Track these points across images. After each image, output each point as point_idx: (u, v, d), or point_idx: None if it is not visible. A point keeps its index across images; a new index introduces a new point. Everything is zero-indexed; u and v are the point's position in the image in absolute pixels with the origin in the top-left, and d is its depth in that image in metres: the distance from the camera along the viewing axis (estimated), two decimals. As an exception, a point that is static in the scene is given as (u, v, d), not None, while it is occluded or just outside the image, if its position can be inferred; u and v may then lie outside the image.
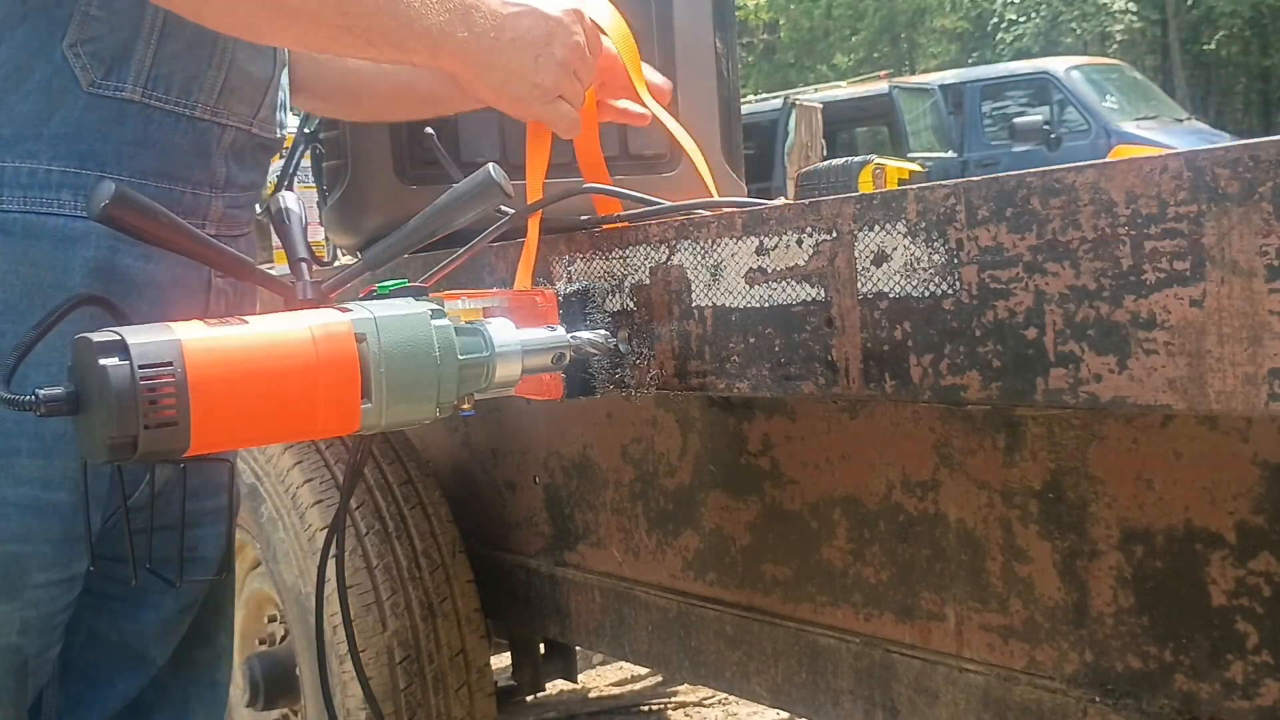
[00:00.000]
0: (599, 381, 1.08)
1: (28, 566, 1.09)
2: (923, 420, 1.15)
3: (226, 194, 1.18)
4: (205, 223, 1.15)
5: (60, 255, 1.05)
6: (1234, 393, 0.65)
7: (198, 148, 1.13)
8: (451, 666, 1.76)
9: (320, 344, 0.83)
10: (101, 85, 1.05)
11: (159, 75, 1.08)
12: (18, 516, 1.07)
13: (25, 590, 1.10)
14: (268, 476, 1.85)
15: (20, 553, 1.09)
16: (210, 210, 1.16)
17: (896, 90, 10.22)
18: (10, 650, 1.12)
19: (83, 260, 1.05)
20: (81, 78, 1.04)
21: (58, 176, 1.05)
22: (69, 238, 1.05)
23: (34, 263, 1.04)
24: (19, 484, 1.07)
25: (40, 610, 1.12)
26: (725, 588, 1.41)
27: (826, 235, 0.88)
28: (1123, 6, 20.18)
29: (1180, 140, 9.13)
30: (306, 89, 1.39)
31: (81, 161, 1.06)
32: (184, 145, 1.12)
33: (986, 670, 1.13)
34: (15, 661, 1.13)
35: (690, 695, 2.81)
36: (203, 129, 1.13)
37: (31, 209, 1.04)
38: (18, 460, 1.06)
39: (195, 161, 1.13)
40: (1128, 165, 0.69)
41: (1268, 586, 0.92)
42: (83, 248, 1.05)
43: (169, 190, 1.11)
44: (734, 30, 1.67)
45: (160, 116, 1.09)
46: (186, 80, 1.10)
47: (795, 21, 24.10)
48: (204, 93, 1.12)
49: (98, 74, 1.05)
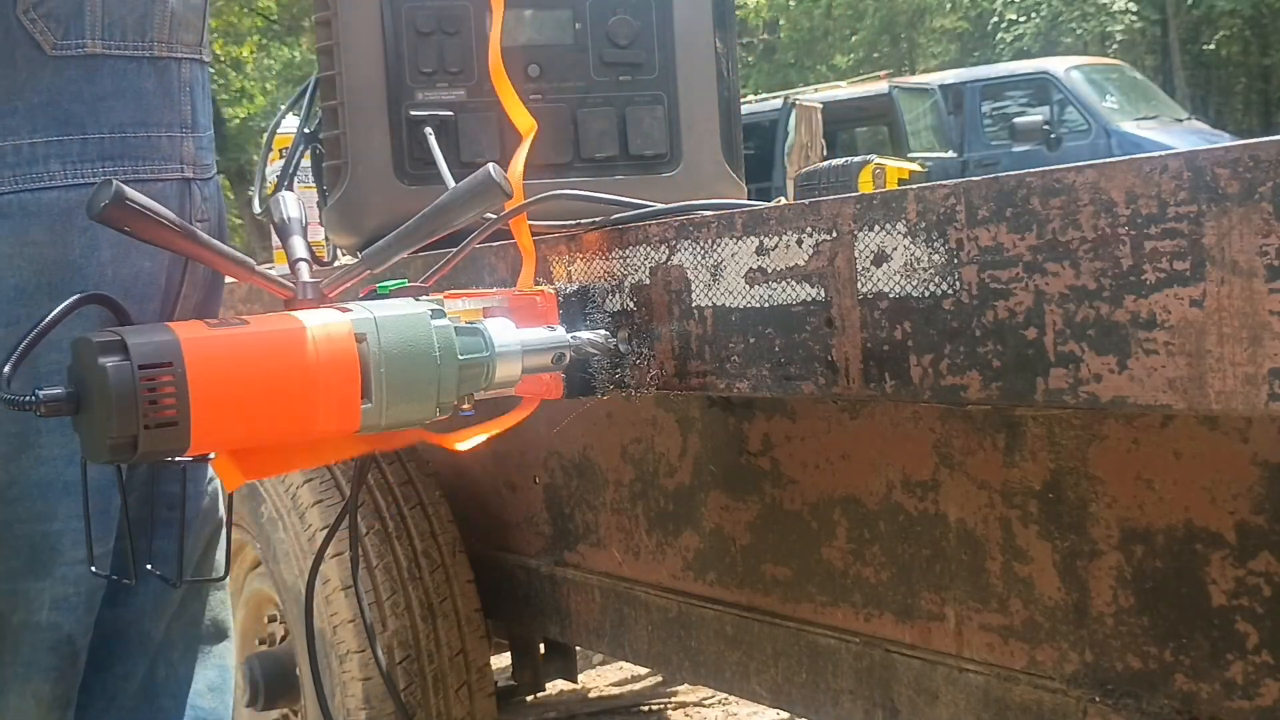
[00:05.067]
0: (599, 381, 1.08)
1: (59, 545, 1.08)
2: (923, 420, 1.15)
3: (194, 134, 1.18)
4: (182, 166, 1.16)
5: (59, 229, 1.05)
6: (1234, 393, 0.65)
7: (162, 88, 1.13)
8: (451, 666, 1.76)
9: (320, 344, 0.83)
10: (63, 45, 1.05)
11: (112, 22, 1.08)
12: (41, 496, 1.08)
13: (58, 568, 1.10)
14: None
15: (49, 531, 1.09)
16: (184, 152, 1.16)
17: (896, 90, 10.21)
18: (46, 627, 1.12)
19: (80, 230, 1.05)
20: (43, 42, 1.04)
21: (42, 148, 1.04)
22: (66, 209, 1.04)
23: (35, 241, 1.04)
24: (41, 463, 1.07)
25: (83, 586, 1.12)
26: (725, 588, 1.41)
27: (826, 235, 0.88)
28: (1123, 6, 20.16)
29: (1180, 140, 9.13)
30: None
31: (62, 128, 1.05)
32: (150, 88, 1.12)
33: (986, 670, 1.13)
34: (53, 638, 1.13)
35: (690, 695, 2.81)
36: (163, 67, 1.13)
37: (24, 187, 1.04)
38: (39, 440, 1.07)
39: (163, 103, 1.14)
40: (1128, 165, 0.69)
41: (1268, 586, 0.92)
42: (78, 217, 1.05)
43: (148, 138, 1.11)
44: (734, 30, 1.67)
45: (124, 65, 1.09)
46: (139, 21, 1.10)
47: (795, 21, 24.09)
48: (156, 29, 1.12)
49: (57, 35, 1.05)
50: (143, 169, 1.11)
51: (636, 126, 1.55)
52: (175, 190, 1.15)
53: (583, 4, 1.54)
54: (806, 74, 22.86)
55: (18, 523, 1.09)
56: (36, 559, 1.09)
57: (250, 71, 21.64)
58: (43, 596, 1.10)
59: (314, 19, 1.58)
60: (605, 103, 1.54)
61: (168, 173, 1.15)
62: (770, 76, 23.08)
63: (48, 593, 1.11)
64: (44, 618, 1.11)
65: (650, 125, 1.55)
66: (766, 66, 24.24)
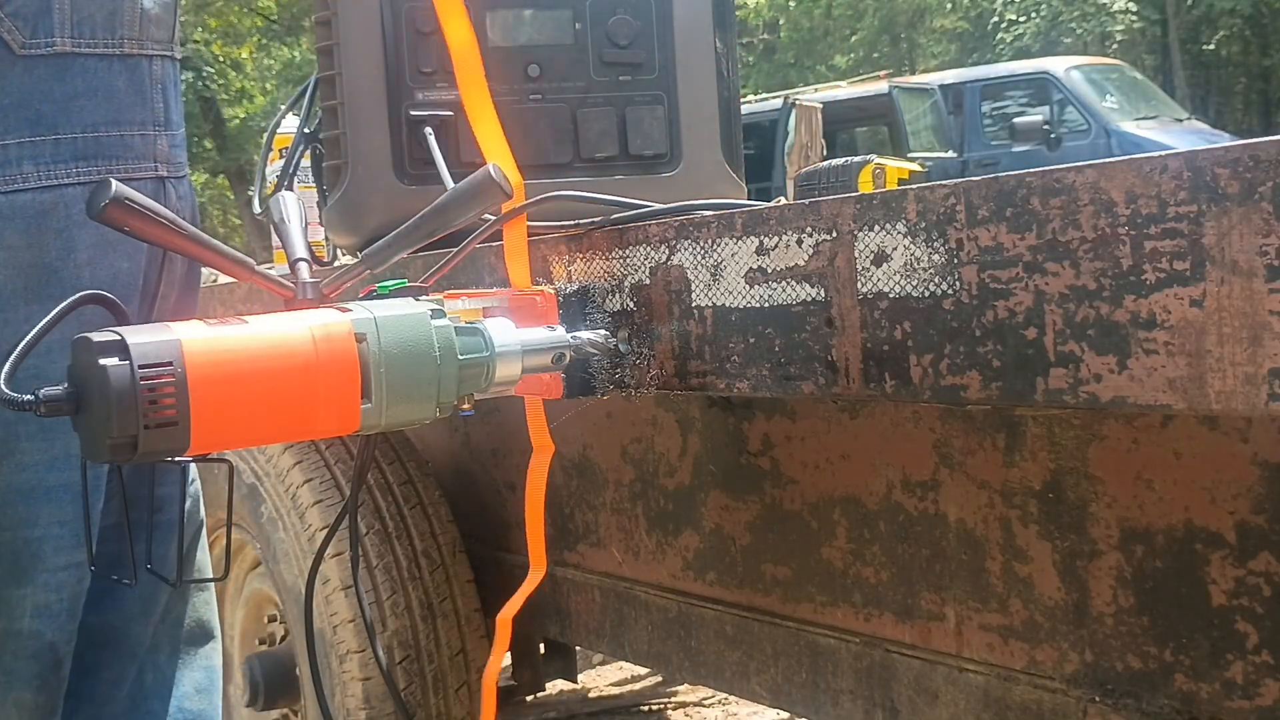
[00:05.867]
0: (599, 381, 1.08)
1: (40, 551, 1.08)
2: (923, 420, 1.15)
3: (167, 132, 1.17)
4: (156, 164, 1.15)
5: (34, 231, 1.04)
6: (1234, 393, 0.65)
7: (134, 86, 1.13)
8: (451, 666, 1.76)
9: (320, 344, 0.83)
10: (31, 44, 1.04)
11: (81, 20, 1.07)
12: (22, 502, 1.07)
13: (39, 574, 1.09)
14: (268, 476, 1.85)
15: (29, 538, 1.08)
16: (157, 150, 1.16)
17: (896, 90, 10.21)
18: (28, 635, 1.11)
19: (55, 232, 1.05)
20: (11, 41, 1.03)
21: (14, 150, 1.04)
22: (41, 211, 1.04)
23: (10, 244, 1.03)
24: (22, 469, 1.06)
25: (65, 593, 1.12)
26: (725, 588, 1.41)
27: (826, 235, 0.88)
28: (1123, 6, 20.16)
29: (1180, 140, 9.13)
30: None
31: (34, 129, 1.04)
32: (122, 86, 1.11)
33: (986, 670, 1.13)
34: (35, 646, 1.12)
35: (690, 695, 2.81)
36: (133, 65, 1.12)
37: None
38: (19, 445, 1.06)
39: (135, 101, 1.13)
40: (1128, 165, 0.69)
41: (1268, 586, 0.92)
42: (53, 219, 1.04)
43: (121, 137, 1.10)
44: (734, 30, 1.67)
45: (94, 63, 1.08)
46: (108, 17, 1.09)
47: (795, 21, 24.09)
48: (126, 26, 1.11)
49: (25, 34, 1.04)
50: (116, 168, 1.10)
51: (636, 126, 1.55)
52: (150, 189, 1.14)
53: (583, 4, 1.54)
54: (806, 74, 22.87)
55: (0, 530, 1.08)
56: (18, 566, 1.08)
57: (250, 71, 21.64)
58: (24, 604, 1.10)
59: (314, 19, 1.58)
60: (605, 103, 1.54)
61: (142, 172, 1.14)
62: (770, 76, 23.09)
63: (29, 600, 1.10)
64: (25, 625, 1.10)
65: (650, 125, 1.55)
66: (766, 66, 24.24)
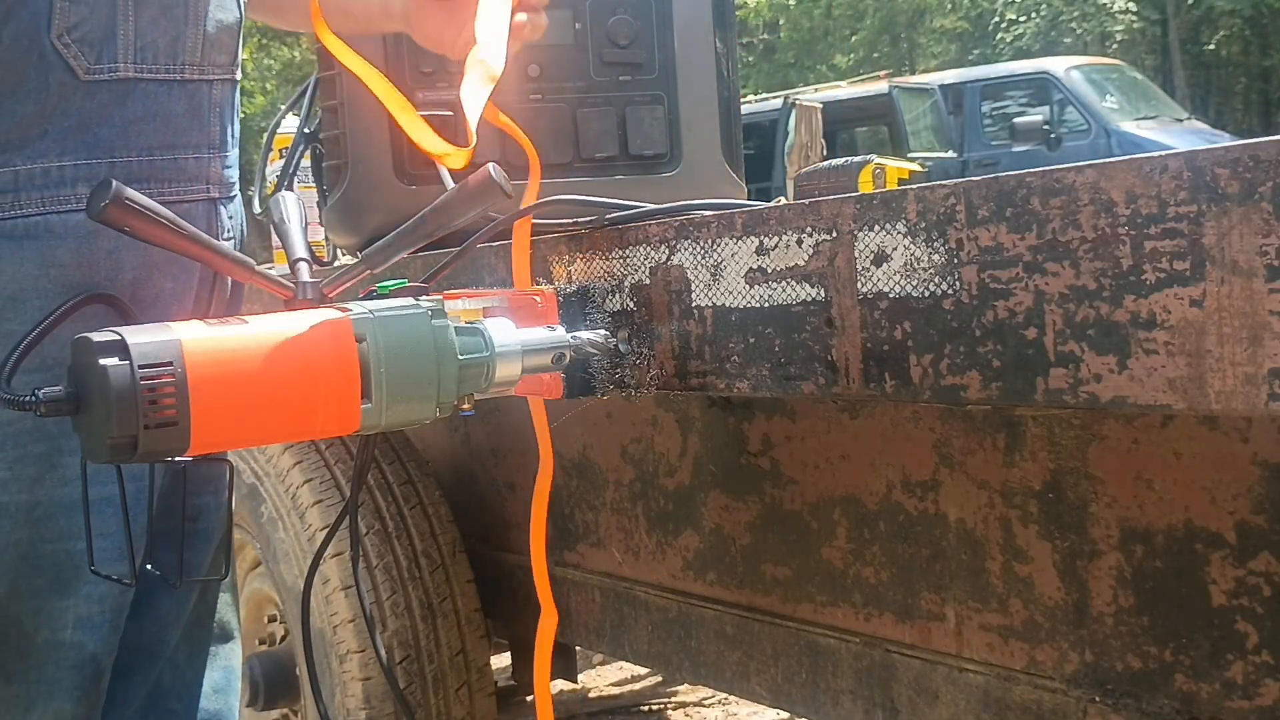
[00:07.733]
0: (599, 381, 1.08)
1: (82, 563, 1.08)
2: (923, 420, 1.15)
3: (221, 154, 1.18)
4: (209, 186, 1.16)
5: (85, 250, 1.05)
6: (1234, 393, 0.65)
7: (192, 110, 1.13)
8: (451, 666, 1.76)
9: (320, 344, 0.83)
10: (95, 70, 1.05)
11: (144, 45, 1.08)
12: (64, 516, 1.08)
13: (83, 586, 1.10)
14: (268, 476, 1.85)
15: (72, 550, 1.08)
16: (210, 172, 1.17)
17: (896, 90, 10.21)
18: (70, 645, 1.12)
19: (105, 253, 1.05)
20: (76, 67, 1.04)
21: (70, 171, 1.05)
22: (92, 232, 1.05)
23: (61, 263, 1.04)
24: (64, 483, 1.07)
25: (107, 605, 1.12)
26: (725, 588, 1.41)
27: (826, 235, 0.88)
28: (1123, 6, 20.16)
29: (1180, 140, 9.12)
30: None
31: (90, 152, 1.05)
32: (180, 111, 1.12)
33: (986, 670, 1.13)
34: (77, 657, 1.13)
35: (690, 695, 2.81)
36: (193, 90, 1.13)
37: (51, 209, 1.04)
38: (61, 460, 1.07)
39: (192, 125, 1.13)
40: (1128, 165, 0.69)
41: (1268, 586, 0.92)
42: (104, 239, 1.05)
43: (174, 161, 1.11)
44: (734, 30, 1.67)
45: (154, 88, 1.09)
46: (170, 44, 1.10)
47: (795, 21, 24.08)
48: (188, 52, 1.12)
49: (90, 59, 1.04)
50: (168, 191, 1.11)
51: (636, 126, 1.55)
52: (202, 210, 1.16)
53: (583, 4, 1.54)
54: (806, 74, 22.86)
55: (42, 542, 1.09)
56: (60, 578, 1.09)
57: (250, 71, 21.63)
58: (66, 615, 1.10)
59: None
60: (605, 103, 1.54)
61: (194, 194, 1.15)
62: (770, 76, 23.09)
63: (71, 611, 1.11)
64: (68, 636, 1.11)
65: (650, 125, 1.56)
66: (766, 66, 24.24)
